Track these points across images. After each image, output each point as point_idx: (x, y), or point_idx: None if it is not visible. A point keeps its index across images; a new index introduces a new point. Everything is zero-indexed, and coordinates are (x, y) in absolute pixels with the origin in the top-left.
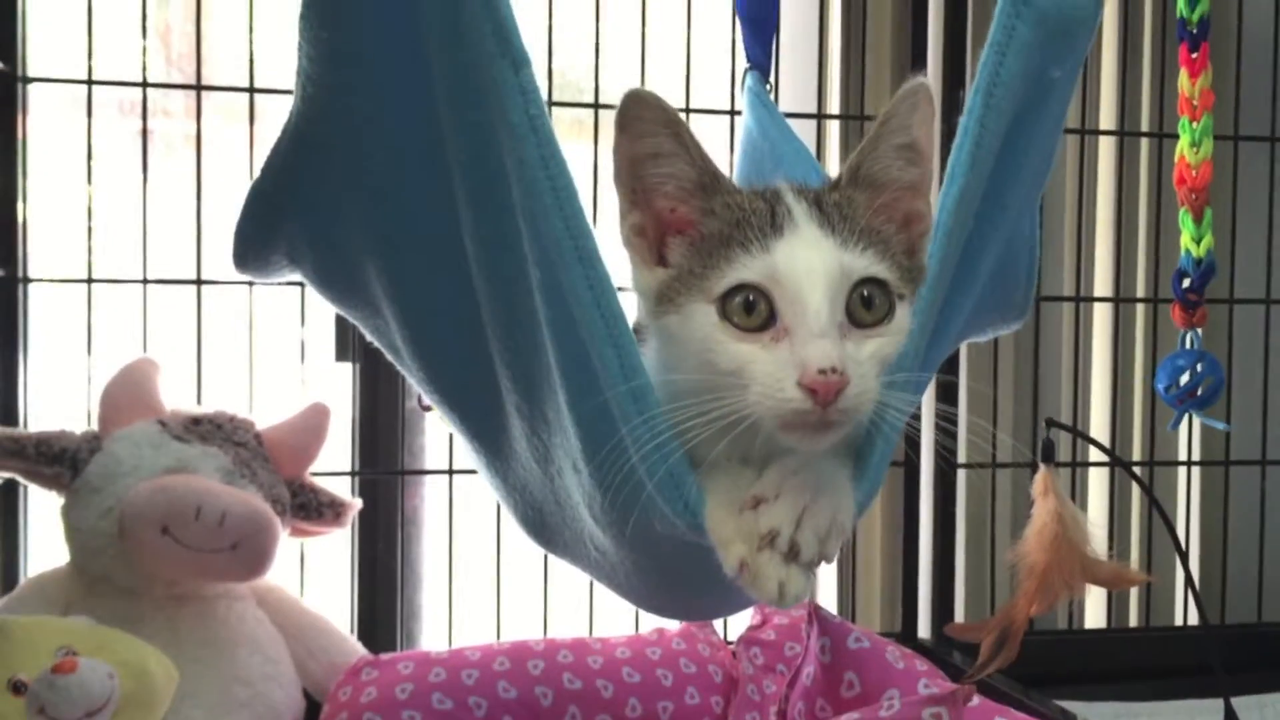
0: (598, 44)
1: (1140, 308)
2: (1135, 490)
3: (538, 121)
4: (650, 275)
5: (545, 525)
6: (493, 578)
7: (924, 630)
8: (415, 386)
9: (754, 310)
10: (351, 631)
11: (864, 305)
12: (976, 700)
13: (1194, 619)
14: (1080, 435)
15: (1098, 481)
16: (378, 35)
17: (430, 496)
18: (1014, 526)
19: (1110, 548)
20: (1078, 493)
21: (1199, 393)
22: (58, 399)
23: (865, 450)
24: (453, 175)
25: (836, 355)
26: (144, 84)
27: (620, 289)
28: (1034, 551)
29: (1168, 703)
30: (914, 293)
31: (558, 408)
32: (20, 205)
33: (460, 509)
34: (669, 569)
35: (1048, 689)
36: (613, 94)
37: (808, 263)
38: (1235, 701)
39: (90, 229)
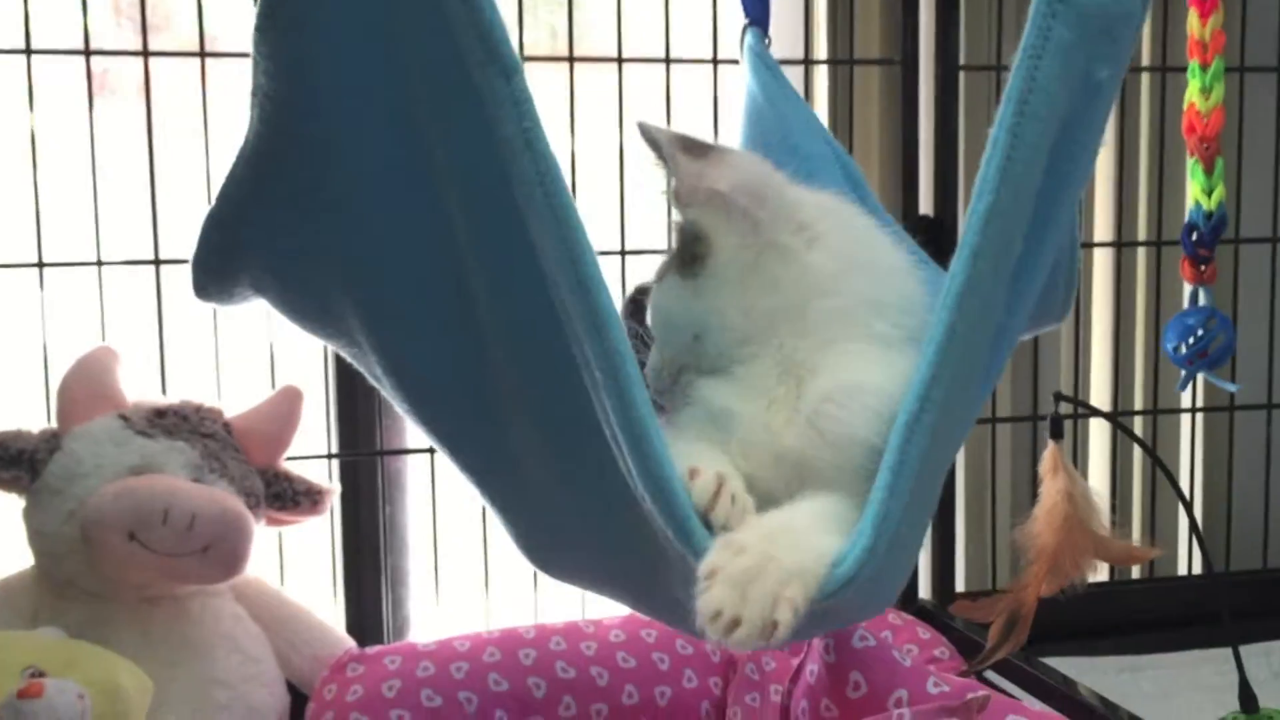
0: None
1: (1141, 254)
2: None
3: (532, 135)
4: None
5: (556, 546)
6: (480, 556)
7: (924, 591)
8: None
9: None
10: (340, 620)
11: None
12: (987, 692)
13: (1198, 568)
14: (1085, 407)
15: (1099, 429)
16: (348, 42)
17: (413, 476)
18: (1014, 483)
19: (1114, 497)
20: (1079, 443)
21: (1208, 353)
22: (11, 396)
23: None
24: (440, 196)
25: None
26: (86, 51)
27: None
28: (1044, 533)
29: (1173, 654)
30: None
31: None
32: None
33: (445, 487)
34: None
35: (1049, 645)
36: (588, 44)
37: None
38: (1242, 650)
39: (38, 209)
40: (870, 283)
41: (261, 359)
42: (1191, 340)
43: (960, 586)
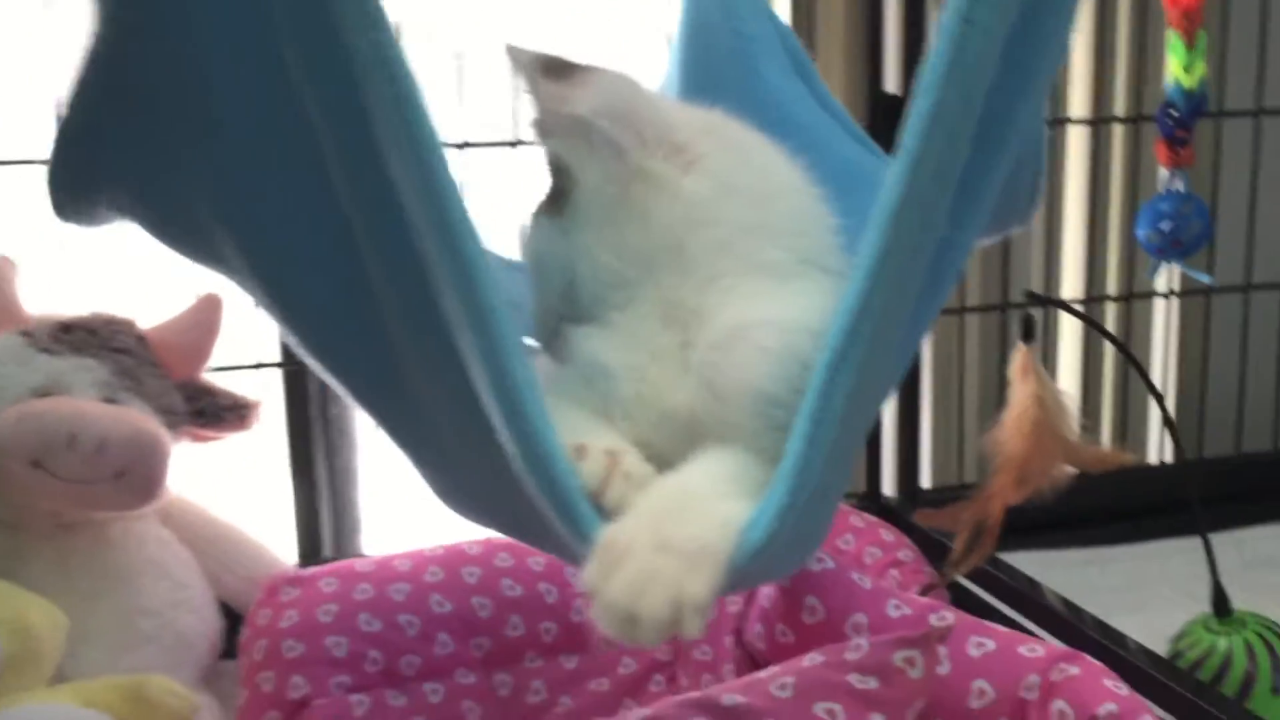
0: None
1: (1119, 131)
2: (1110, 326)
3: (387, 51)
4: None
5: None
6: None
7: (889, 488)
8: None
9: None
10: (293, 540)
11: None
12: (950, 617)
13: (1170, 456)
14: (1057, 303)
15: (1070, 320)
16: None
17: None
18: (983, 375)
19: (1085, 383)
20: (1049, 329)
21: (1182, 241)
22: None
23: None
24: (302, 116)
25: None
26: None
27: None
28: (1012, 439)
29: (1143, 544)
30: None
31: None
32: None
33: None
34: None
35: (1017, 539)
36: None
37: None
38: (1213, 538)
39: None
40: (752, 206)
41: (180, 264)
42: (1165, 228)
43: (926, 483)
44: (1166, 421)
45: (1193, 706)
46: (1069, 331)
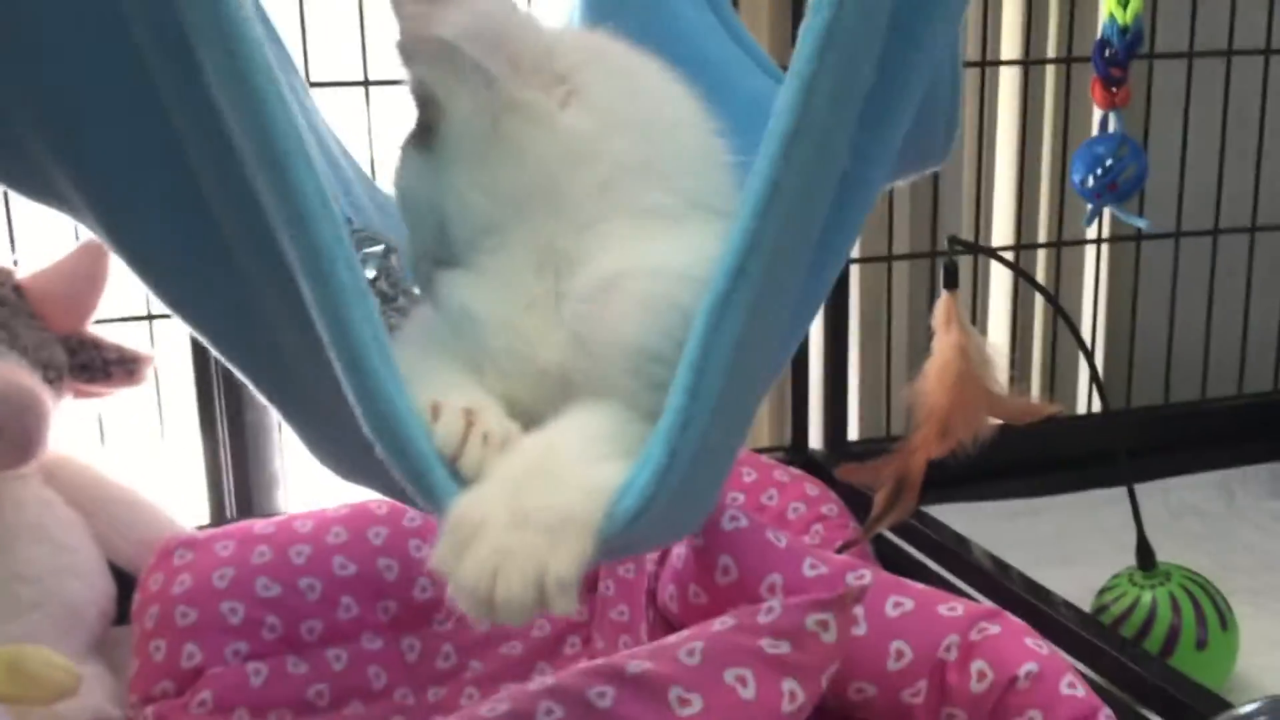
0: None
1: (1050, 73)
2: (1040, 273)
3: None
4: None
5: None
6: None
7: (815, 440)
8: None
9: None
10: (208, 498)
11: None
12: (868, 575)
13: (1098, 406)
14: (984, 251)
15: (1001, 268)
16: None
17: None
18: (911, 326)
19: (1014, 336)
20: (979, 278)
21: (1118, 185)
22: None
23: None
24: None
25: None
26: None
27: None
28: (935, 391)
29: (1071, 495)
30: None
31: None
32: None
33: None
34: None
35: (945, 491)
36: None
37: None
38: (1140, 488)
39: None
40: (637, 143)
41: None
42: (1100, 171)
43: (854, 434)
44: (1094, 378)
45: (1115, 663)
46: (999, 280)
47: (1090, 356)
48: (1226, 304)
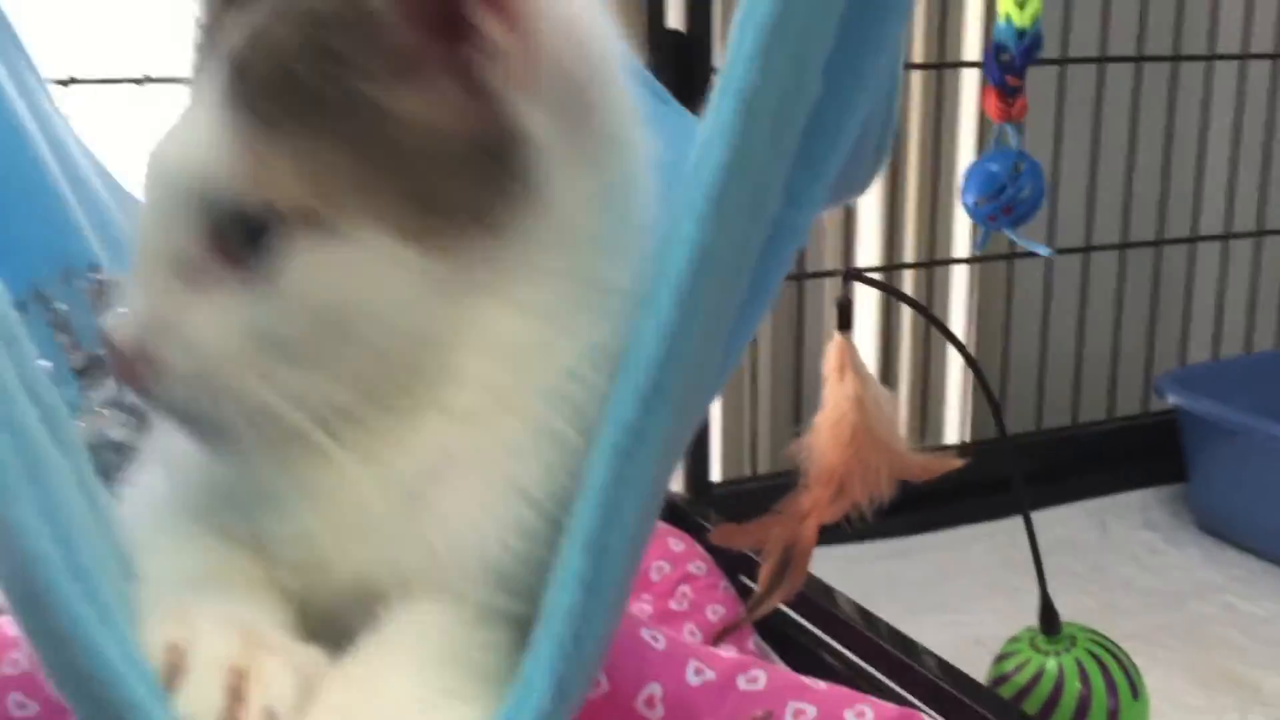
0: None
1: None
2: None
3: None
4: None
5: None
6: None
7: (675, 483)
8: None
9: None
10: None
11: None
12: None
13: (969, 436)
14: (889, 291)
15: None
16: None
17: None
18: (775, 350)
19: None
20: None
21: (1013, 208)
22: None
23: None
24: None
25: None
26: None
27: None
28: (829, 449)
29: (944, 532)
30: None
31: None
32: None
33: None
34: None
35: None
36: None
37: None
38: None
39: None
40: None
41: None
42: (994, 192)
43: (716, 475)
44: (989, 398)
45: None
46: (865, 301)
47: (981, 374)
48: (1097, 325)
